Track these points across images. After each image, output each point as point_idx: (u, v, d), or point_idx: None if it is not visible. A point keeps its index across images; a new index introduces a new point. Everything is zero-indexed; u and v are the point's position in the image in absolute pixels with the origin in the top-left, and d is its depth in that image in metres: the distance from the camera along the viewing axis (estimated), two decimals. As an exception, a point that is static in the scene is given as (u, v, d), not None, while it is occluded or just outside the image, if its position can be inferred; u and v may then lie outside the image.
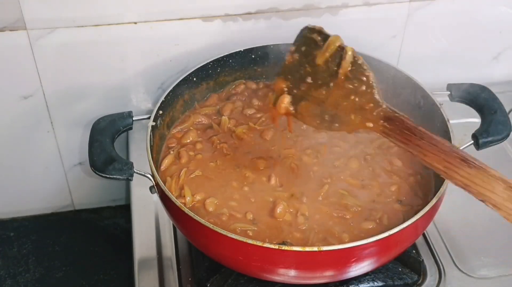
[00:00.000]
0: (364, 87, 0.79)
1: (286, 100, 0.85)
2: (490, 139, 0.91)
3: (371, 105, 0.79)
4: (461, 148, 0.90)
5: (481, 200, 0.71)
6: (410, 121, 0.77)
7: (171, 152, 0.98)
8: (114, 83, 1.16)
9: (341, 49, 0.81)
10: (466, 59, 1.30)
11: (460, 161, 0.73)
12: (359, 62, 0.80)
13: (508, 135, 0.92)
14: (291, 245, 0.80)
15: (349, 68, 0.79)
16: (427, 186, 0.94)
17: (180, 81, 1.03)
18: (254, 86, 1.12)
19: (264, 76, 1.14)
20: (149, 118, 0.94)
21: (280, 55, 1.11)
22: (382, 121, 0.78)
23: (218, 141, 0.99)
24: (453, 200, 0.91)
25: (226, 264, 0.88)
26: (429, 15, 1.20)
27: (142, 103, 1.21)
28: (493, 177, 0.71)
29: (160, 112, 0.97)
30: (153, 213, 1.05)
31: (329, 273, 0.83)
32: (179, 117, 1.05)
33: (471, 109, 0.97)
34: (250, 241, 0.76)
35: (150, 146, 0.91)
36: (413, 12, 1.19)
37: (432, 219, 0.88)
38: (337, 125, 0.82)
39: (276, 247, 0.75)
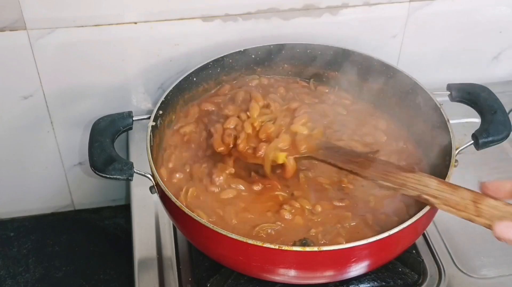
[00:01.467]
0: None
1: None
2: (490, 139, 0.91)
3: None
4: (461, 148, 0.91)
5: (417, 195, 0.80)
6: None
7: (168, 150, 0.99)
8: (114, 83, 1.16)
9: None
10: (466, 59, 1.30)
11: (396, 168, 0.85)
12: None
13: (508, 135, 0.92)
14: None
15: None
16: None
17: (180, 81, 1.03)
18: (266, 82, 1.11)
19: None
20: (149, 118, 0.94)
21: (280, 55, 1.12)
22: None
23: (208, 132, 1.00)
24: (453, 200, 0.91)
25: (226, 264, 0.88)
26: (429, 15, 1.20)
27: (142, 103, 1.21)
28: (426, 176, 0.81)
29: (160, 112, 0.97)
30: (153, 213, 1.05)
31: (329, 273, 0.83)
32: (179, 117, 1.05)
33: (471, 109, 0.97)
34: (250, 241, 0.76)
35: (150, 146, 0.90)
36: (413, 12, 1.19)
37: (432, 219, 0.88)
38: None
39: (276, 247, 0.75)
